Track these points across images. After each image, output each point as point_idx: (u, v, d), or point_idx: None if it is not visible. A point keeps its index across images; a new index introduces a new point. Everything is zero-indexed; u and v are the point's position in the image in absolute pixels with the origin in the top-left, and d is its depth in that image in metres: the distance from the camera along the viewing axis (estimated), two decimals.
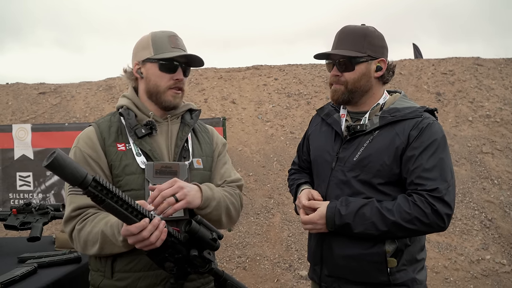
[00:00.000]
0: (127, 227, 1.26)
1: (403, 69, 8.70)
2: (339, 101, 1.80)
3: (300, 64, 9.17)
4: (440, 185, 1.60)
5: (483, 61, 8.80)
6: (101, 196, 1.16)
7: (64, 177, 1.10)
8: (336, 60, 1.76)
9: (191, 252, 1.37)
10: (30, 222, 2.31)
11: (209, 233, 1.37)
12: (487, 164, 6.61)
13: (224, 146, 1.88)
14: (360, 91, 1.76)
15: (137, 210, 1.25)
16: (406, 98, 1.84)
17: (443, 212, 1.58)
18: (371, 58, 1.74)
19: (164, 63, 1.62)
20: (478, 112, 7.61)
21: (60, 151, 1.08)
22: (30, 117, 8.03)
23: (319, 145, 1.89)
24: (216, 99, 8.23)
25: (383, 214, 1.59)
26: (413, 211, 1.58)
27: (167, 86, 1.64)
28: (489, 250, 5.34)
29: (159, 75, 1.63)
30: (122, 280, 1.54)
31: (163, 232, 1.30)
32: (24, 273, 1.81)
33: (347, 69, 1.74)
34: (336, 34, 1.80)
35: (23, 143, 5.10)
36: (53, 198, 5.13)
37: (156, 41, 1.64)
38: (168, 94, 1.65)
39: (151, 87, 1.65)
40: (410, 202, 1.60)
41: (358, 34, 1.74)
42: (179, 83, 1.66)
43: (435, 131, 1.67)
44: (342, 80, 1.75)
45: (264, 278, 5.09)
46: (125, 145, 1.60)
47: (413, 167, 1.63)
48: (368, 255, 1.66)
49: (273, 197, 6.35)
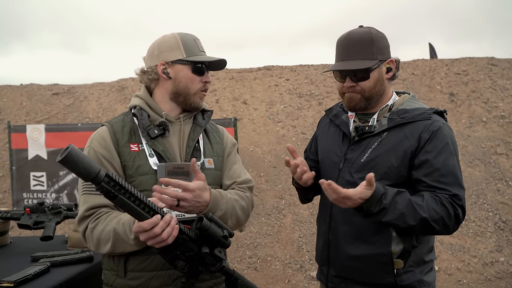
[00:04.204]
0: (139, 224, 1.27)
1: (416, 70, 8.63)
2: (356, 108, 1.76)
3: (311, 65, 9.15)
4: (459, 192, 1.59)
5: (498, 61, 8.69)
6: (114, 192, 1.16)
7: (77, 172, 1.10)
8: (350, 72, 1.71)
9: (202, 249, 1.37)
10: (43, 222, 2.33)
11: (220, 231, 1.36)
12: (502, 165, 6.51)
13: (234, 146, 1.88)
14: (377, 96, 1.74)
15: (149, 207, 1.26)
16: (415, 99, 1.82)
17: (461, 218, 1.58)
18: (381, 61, 1.72)
19: (197, 66, 1.67)
20: (493, 113, 7.51)
21: (74, 147, 1.09)
22: (44, 118, 8.13)
23: (327, 146, 1.88)
24: (227, 99, 8.24)
25: (415, 208, 1.53)
26: (441, 211, 1.55)
27: (198, 89, 1.69)
28: (503, 252, 5.26)
29: (191, 77, 1.67)
30: (135, 280, 1.55)
31: (174, 228, 1.30)
32: (37, 272, 1.83)
33: (363, 79, 1.70)
34: (339, 43, 1.75)
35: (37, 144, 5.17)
36: (66, 197, 5.18)
37: (187, 43, 1.67)
38: (198, 96, 1.70)
39: (181, 89, 1.67)
40: (438, 201, 1.57)
41: (366, 41, 1.70)
42: (207, 86, 1.73)
43: (446, 134, 1.65)
44: (358, 90, 1.72)
45: (275, 278, 5.08)
46: (138, 146, 1.61)
47: (428, 171, 1.61)
48: (374, 256, 1.65)
49: (284, 198, 6.34)
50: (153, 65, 1.68)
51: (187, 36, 1.70)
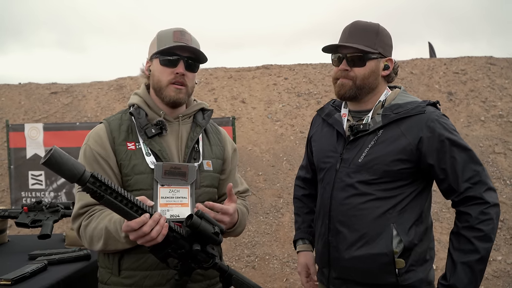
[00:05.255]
0: (128, 223, 1.26)
1: (414, 69, 8.64)
2: (345, 96, 1.74)
3: (310, 64, 9.15)
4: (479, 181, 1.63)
5: (496, 60, 8.70)
6: (100, 192, 1.16)
7: (61, 173, 1.10)
8: (346, 53, 1.71)
9: (193, 246, 1.36)
10: (40, 220, 2.33)
11: (211, 227, 1.36)
12: (500, 165, 6.53)
13: (235, 151, 1.87)
14: (368, 88, 1.73)
15: (137, 206, 1.25)
16: (406, 92, 1.81)
17: (492, 215, 1.64)
18: (381, 56, 1.72)
19: (164, 57, 1.60)
20: (491, 112, 7.53)
21: (57, 148, 1.08)
22: (42, 117, 8.12)
23: (322, 147, 1.86)
24: (226, 98, 8.24)
25: (469, 270, 1.58)
26: (476, 245, 1.59)
27: (168, 81, 1.61)
28: (501, 251, 5.28)
29: (160, 70, 1.62)
30: (129, 278, 1.55)
31: (164, 227, 1.30)
32: (34, 270, 1.83)
33: (358, 64, 1.70)
34: (345, 28, 1.75)
35: (35, 142, 5.16)
36: (64, 196, 5.18)
37: (161, 36, 1.64)
38: (169, 89, 1.61)
39: (155, 83, 1.65)
40: (465, 239, 1.61)
41: (371, 30, 1.71)
42: (180, 78, 1.61)
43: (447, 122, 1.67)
44: (351, 75, 1.71)
45: (273, 277, 5.08)
46: (135, 144, 1.60)
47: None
48: (375, 256, 1.63)
49: (283, 197, 6.34)
50: (145, 65, 1.71)
51: (168, 29, 1.65)
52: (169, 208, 1.54)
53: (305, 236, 2.00)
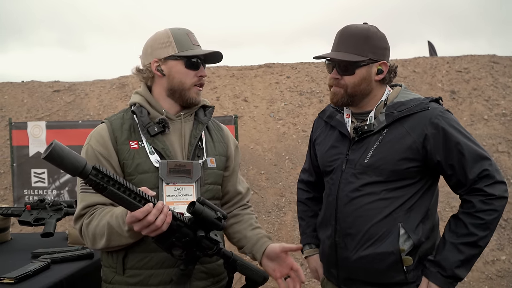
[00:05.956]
0: (132, 213, 1.26)
1: (417, 67, 8.61)
2: (338, 103, 1.76)
3: (312, 62, 9.13)
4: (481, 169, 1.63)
5: (499, 59, 8.67)
6: (103, 184, 1.16)
7: (63, 167, 1.10)
8: (335, 63, 1.72)
9: (197, 233, 1.36)
10: (43, 218, 2.33)
11: (213, 213, 1.36)
12: (503, 163, 6.51)
13: (237, 148, 1.87)
14: (360, 95, 1.73)
15: (140, 196, 1.25)
16: (407, 89, 1.81)
17: (496, 205, 1.63)
18: (372, 61, 1.70)
19: (191, 61, 1.63)
20: (494, 111, 7.50)
21: (58, 142, 1.08)
22: (45, 115, 8.13)
23: (327, 149, 1.85)
24: (228, 97, 8.23)
25: (460, 247, 1.60)
26: (471, 230, 1.60)
27: (192, 83, 1.65)
28: (505, 250, 5.26)
29: (184, 73, 1.63)
30: (134, 277, 1.54)
31: (168, 215, 1.30)
32: (37, 269, 1.82)
33: (347, 73, 1.69)
34: (336, 34, 1.76)
35: (38, 140, 5.16)
36: (67, 194, 5.18)
37: (178, 38, 1.64)
38: (193, 91, 1.65)
39: (176, 85, 1.64)
40: (463, 223, 1.63)
41: (360, 36, 1.69)
42: (202, 80, 1.68)
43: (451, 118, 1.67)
44: (341, 83, 1.71)
45: None
46: (137, 143, 1.60)
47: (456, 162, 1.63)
48: (383, 255, 1.64)
49: (285, 196, 6.34)
50: (147, 63, 1.66)
51: (179, 30, 1.67)
52: (175, 206, 1.53)
53: (312, 240, 2.00)
